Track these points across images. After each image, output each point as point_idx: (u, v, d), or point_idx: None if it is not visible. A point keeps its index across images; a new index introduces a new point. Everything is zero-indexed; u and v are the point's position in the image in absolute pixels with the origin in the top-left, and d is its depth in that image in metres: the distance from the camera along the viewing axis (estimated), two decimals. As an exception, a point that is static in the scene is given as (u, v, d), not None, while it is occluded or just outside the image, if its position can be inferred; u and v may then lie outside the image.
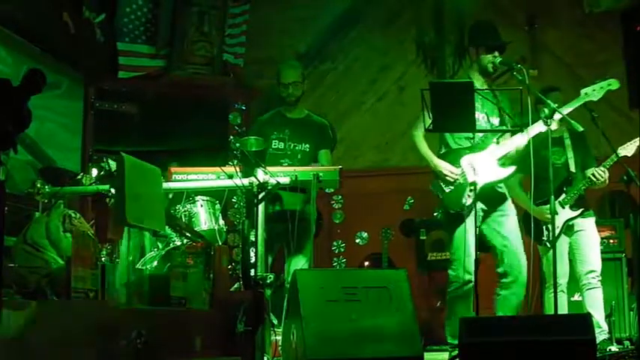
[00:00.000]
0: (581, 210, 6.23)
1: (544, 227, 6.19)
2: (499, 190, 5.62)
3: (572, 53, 8.86)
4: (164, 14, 8.38)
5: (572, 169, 6.29)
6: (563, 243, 6.27)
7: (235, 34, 8.80)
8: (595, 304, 6.19)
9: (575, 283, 6.42)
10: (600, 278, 6.23)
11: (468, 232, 5.26)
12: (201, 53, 8.61)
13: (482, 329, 4.18)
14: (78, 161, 7.85)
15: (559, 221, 6.17)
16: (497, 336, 4.07)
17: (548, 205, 6.00)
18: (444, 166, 5.54)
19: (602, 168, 6.11)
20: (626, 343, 6.70)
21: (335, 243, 9.38)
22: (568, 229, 6.28)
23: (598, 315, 6.13)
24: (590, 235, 6.29)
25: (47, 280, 3.91)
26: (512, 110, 5.52)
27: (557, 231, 6.15)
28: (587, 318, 4.17)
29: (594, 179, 6.13)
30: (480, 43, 5.67)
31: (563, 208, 6.23)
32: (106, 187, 4.85)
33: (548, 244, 6.17)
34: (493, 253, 5.56)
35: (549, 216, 6.03)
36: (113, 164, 4.81)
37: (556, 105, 5.42)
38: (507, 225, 5.60)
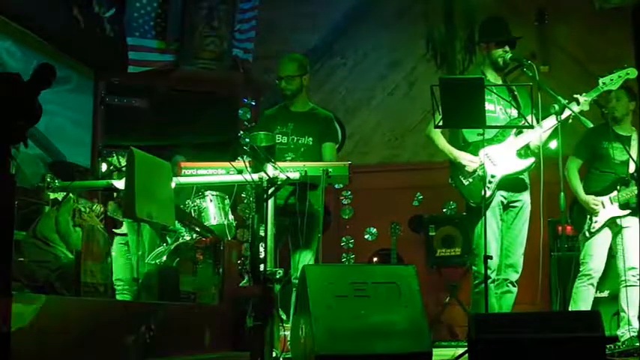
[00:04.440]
0: (629, 211, 6.18)
1: (588, 217, 6.18)
2: (521, 178, 5.63)
3: (582, 49, 8.83)
4: (174, 9, 8.39)
5: (632, 170, 6.23)
6: (604, 237, 6.23)
7: (245, 29, 8.81)
8: (631, 301, 6.13)
9: (606, 279, 6.39)
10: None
11: (487, 227, 5.24)
12: (210, 48, 8.62)
13: (491, 326, 4.17)
14: (88, 156, 7.87)
15: (604, 216, 6.16)
16: (506, 332, 4.07)
17: (596, 197, 6.04)
18: (464, 157, 5.55)
19: None
20: (635, 340, 6.67)
21: (344, 239, 9.37)
22: (613, 225, 6.23)
23: (632, 312, 6.09)
24: (635, 233, 6.22)
25: (57, 275, 3.92)
26: (529, 102, 5.49)
27: (598, 225, 6.15)
28: (596, 315, 4.15)
29: None
30: (491, 38, 5.67)
31: (612, 204, 6.19)
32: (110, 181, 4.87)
33: (587, 233, 6.16)
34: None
35: (594, 207, 6.07)
36: (122, 159, 4.82)
37: (566, 101, 5.41)
38: (517, 224, 5.62)
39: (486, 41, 5.71)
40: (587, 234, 6.15)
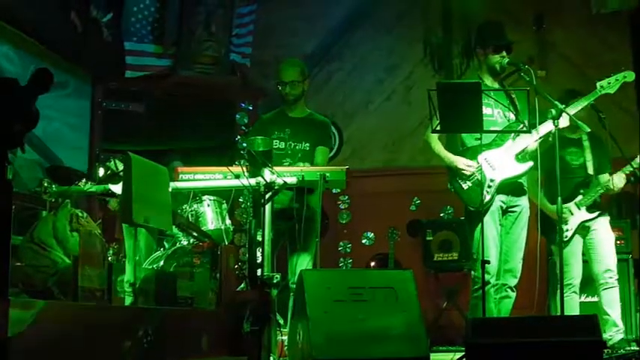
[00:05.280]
0: (597, 213, 6.19)
1: (558, 227, 6.17)
2: (519, 182, 5.64)
3: (580, 53, 8.84)
4: (171, 14, 8.40)
5: (590, 171, 6.24)
6: (577, 243, 6.25)
7: (242, 34, 8.81)
8: (612, 303, 6.15)
9: (588, 284, 6.40)
10: (617, 277, 6.19)
11: (486, 231, 5.24)
12: (208, 53, 8.63)
13: (488, 330, 4.17)
14: (85, 160, 7.87)
15: (573, 222, 6.17)
16: (503, 336, 4.07)
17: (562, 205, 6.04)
18: (461, 161, 5.54)
19: (620, 174, 6.09)
20: (633, 344, 6.68)
21: (341, 243, 9.37)
22: (582, 229, 6.24)
23: (615, 314, 6.11)
24: (604, 235, 6.23)
25: (54, 280, 3.92)
26: (527, 107, 5.49)
27: (570, 232, 6.15)
28: (593, 319, 4.15)
29: (611, 186, 6.11)
30: (487, 44, 5.67)
31: (579, 209, 6.20)
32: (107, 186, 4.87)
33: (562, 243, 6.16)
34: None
35: (563, 215, 6.06)
36: (120, 164, 4.81)
37: (563, 106, 5.42)
38: (515, 229, 5.62)
39: (483, 46, 5.72)
40: (563, 244, 6.16)
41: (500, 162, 5.50)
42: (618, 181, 6.14)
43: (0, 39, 6.72)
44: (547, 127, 5.37)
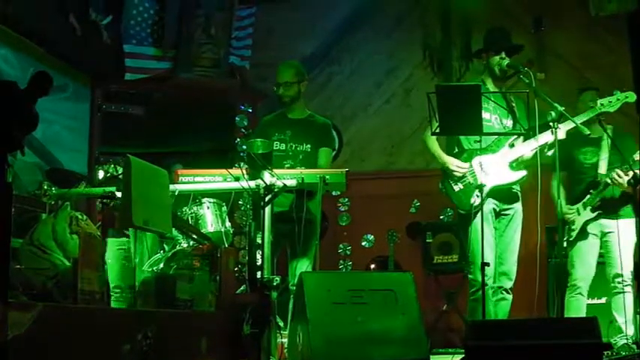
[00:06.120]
0: (597, 213, 6.16)
1: (566, 226, 6.16)
2: (512, 190, 5.64)
3: (579, 56, 8.84)
4: (170, 16, 8.39)
5: (601, 170, 6.20)
6: (585, 244, 6.22)
7: (242, 36, 8.81)
8: (619, 308, 6.09)
9: (594, 286, 6.38)
10: (628, 282, 6.08)
11: (479, 235, 5.25)
12: (207, 55, 8.63)
13: (488, 332, 4.17)
14: (84, 163, 7.87)
15: (580, 223, 6.15)
16: (503, 339, 4.07)
17: (572, 205, 6.04)
18: (452, 162, 5.56)
19: (618, 171, 6.05)
20: (633, 347, 6.67)
21: (341, 246, 9.37)
22: (600, 230, 6.21)
23: (621, 320, 6.06)
24: (621, 238, 6.08)
25: (54, 282, 3.91)
26: (526, 113, 5.49)
27: (576, 232, 6.13)
28: (593, 321, 4.15)
29: (610, 182, 6.09)
30: (490, 48, 5.68)
31: (585, 209, 6.18)
32: (112, 188, 4.86)
33: (565, 243, 6.15)
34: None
35: (568, 216, 6.07)
36: (120, 169, 4.82)
37: (562, 108, 5.42)
38: (508, 231, 5.63)
39: (486, 50, 5.73)
40: (565, 243, 6.14)
41: (494, 168, 5.50)
42: (616, 177, 6.08)
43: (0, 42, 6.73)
44: (546, 137, 5.37)
